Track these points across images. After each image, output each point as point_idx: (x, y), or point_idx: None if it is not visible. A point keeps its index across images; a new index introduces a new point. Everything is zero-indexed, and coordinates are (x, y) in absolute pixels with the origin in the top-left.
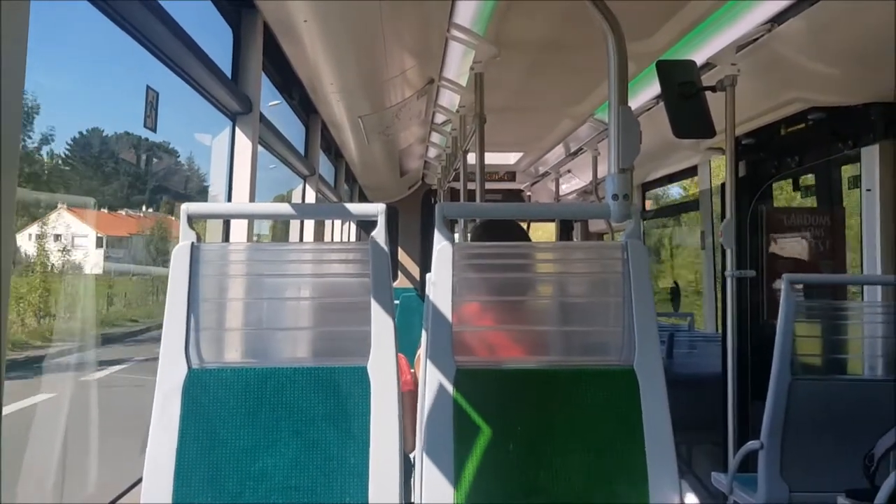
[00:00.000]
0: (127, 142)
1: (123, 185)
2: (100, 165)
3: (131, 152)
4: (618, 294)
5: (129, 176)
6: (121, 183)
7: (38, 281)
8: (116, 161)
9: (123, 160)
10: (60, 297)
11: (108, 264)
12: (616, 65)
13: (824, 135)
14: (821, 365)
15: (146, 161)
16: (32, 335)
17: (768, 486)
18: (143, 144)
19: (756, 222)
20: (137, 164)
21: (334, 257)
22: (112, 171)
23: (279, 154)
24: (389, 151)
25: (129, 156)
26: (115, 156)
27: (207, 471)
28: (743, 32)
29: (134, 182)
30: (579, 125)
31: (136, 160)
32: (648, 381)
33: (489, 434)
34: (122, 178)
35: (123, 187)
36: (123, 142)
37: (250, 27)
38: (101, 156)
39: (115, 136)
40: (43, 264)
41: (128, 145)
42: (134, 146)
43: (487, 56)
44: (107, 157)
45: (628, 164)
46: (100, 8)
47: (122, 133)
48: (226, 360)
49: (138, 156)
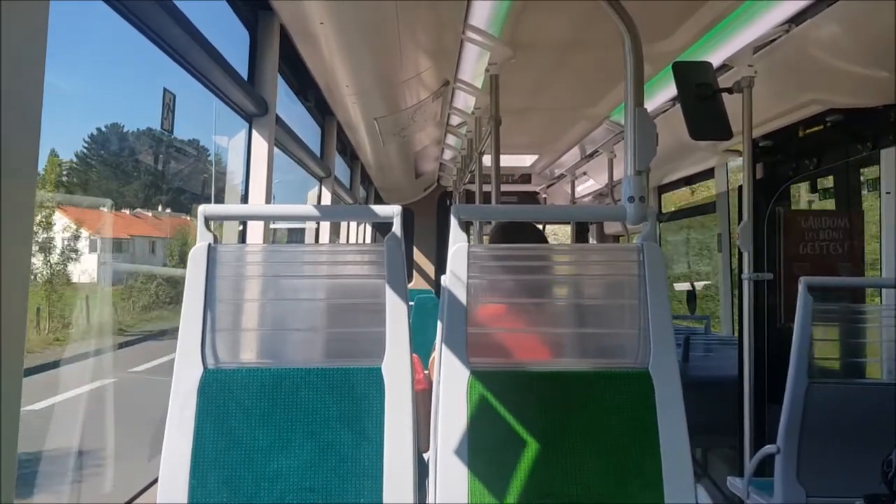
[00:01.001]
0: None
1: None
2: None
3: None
4: (633, 296)
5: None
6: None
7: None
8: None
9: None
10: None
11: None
12: (632, 66)
13: (843, 137)
14: (838, 368)
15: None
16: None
17: (785, 490)
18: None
19: (773, 225)
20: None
21: (349, 258)
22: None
23: (295, 156)
24: (405, 153)
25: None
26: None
27: (223, 471)
28: (760, 33)
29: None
30: (595, 127)
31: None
32: (664, 384)
33: (503, 436)
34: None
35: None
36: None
37: (267, 29)
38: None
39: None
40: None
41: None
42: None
43: (503, 57)
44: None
45: (644, 167)
46: (116, 9)
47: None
48: (241, 361)
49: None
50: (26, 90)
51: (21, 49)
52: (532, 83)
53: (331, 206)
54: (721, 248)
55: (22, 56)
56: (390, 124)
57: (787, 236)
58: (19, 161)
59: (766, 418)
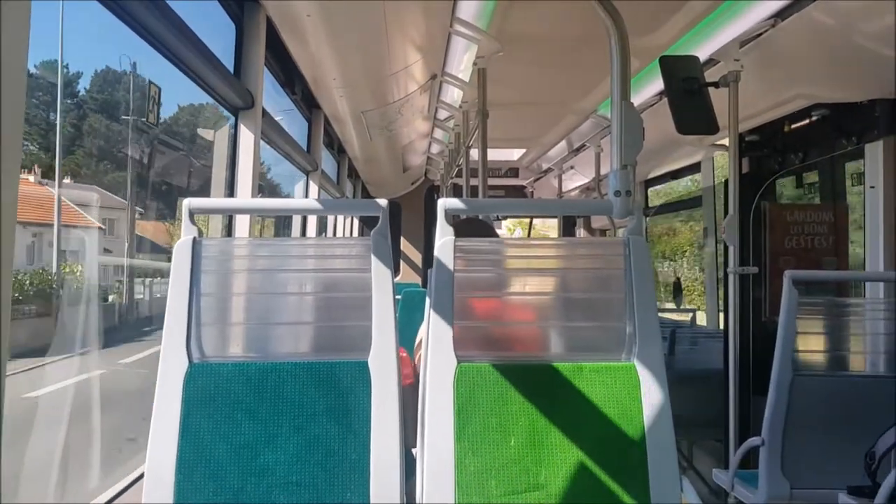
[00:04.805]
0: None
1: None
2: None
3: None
4: (619, 290)
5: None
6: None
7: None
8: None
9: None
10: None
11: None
12: (619, 60)
13: (828, 131)
14: (823, 361)
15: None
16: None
17: (769, 482)
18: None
19: (759, 219)
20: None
21: (336, 252)
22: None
23: (282, 149)
24: (392, 147)
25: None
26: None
27: (209, 466)
28: (746, 28)
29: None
30: (582, 121)
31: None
32: (649, 377)
33: (490, 429)
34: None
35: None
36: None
37: (253, 22)
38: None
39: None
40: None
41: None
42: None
43: (490, 51)
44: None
45: (630, 161)
46: (103, 2)
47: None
48: (227, 355)
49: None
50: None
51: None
52: (519, 77)
53: (318, 200)
54: (707, 242)
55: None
56: (377, 118)
57: (772, 230)
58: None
59: (750, 411)
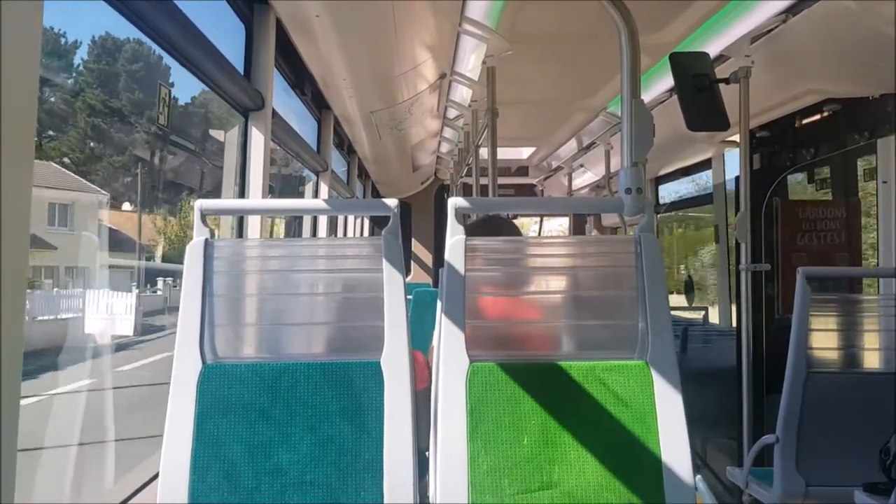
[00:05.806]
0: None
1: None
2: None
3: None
4: (631, 288)
5: None
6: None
7: None
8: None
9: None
10: None
11: None
12: (629, 57)
13: (840, 126)
14: (836, 359)
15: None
16: None
17: (784, 480)
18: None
19: (771, 215)
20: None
21: (347, 252)
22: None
23: (292, 150)
24: (402, 147)
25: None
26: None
27: (223, 466)
28: (757, 24)
29: None
30: (592, 119)
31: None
32: (662, 376)
33: (503, 428)
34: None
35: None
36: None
37: (263, 23)
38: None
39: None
40: None
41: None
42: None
43: (499, 50)
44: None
45: (641, 158)
46: (110, 3)
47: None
48: (240, 356)
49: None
50: (21, 90)
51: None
52: (529, 75)
53: (328, 200)
54: (718, 239)
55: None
56: (387, 117)
57: (784, 226)
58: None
59: (764, 408)
